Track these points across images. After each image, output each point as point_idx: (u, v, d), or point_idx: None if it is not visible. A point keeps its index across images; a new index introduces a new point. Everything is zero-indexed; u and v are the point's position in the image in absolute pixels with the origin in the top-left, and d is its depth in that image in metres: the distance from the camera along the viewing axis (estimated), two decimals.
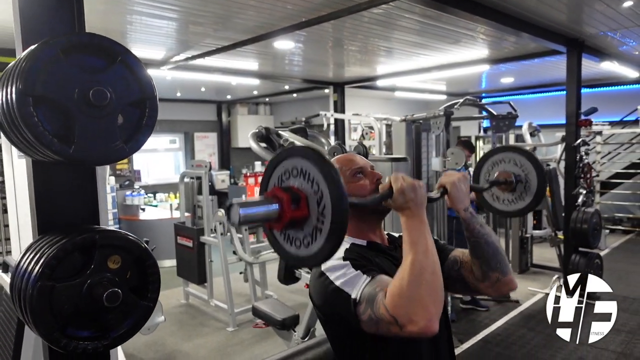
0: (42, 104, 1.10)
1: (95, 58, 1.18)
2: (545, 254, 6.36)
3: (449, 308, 4.04)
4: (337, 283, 1.13)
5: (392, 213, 1.45)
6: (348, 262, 1.16)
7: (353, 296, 1.10)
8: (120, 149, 1.20)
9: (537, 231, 6.61)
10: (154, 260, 1.36)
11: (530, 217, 6.66)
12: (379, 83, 7.61)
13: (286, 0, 3.50)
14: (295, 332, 3.17)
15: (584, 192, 4.79)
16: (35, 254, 1.22)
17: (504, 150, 1.74)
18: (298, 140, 3.05)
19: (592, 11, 4.10)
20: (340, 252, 1.18)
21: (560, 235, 5.57)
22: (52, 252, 1.18)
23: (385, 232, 1.40)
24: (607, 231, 7.34)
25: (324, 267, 1.18)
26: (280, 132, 3.16)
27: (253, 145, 3.07)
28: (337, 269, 1.15)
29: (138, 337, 3.90)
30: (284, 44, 4.96)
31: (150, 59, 5.45)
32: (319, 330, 3.30)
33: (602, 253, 5.96)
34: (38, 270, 1.16)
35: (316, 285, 1.21)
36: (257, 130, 3.12)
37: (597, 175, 7.33)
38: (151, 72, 4.95)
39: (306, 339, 3.18)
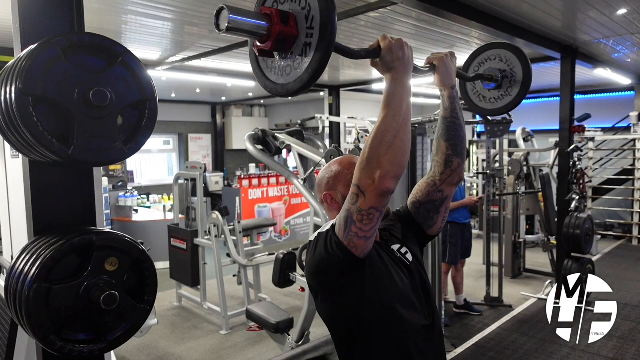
0: (41, 104, 1.09)
1: (95, 58, 1.17)
2: (538, 259, 6.39)
3: (443, 313, 4.05)
4: (319, 231, 1.20)
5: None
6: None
7: (332, 224, 1.14)
8: (119, 150, 1.20)
9: (530, 236, 6.65)
10: (152, 263, 1.35)
11: (523, 222, 6.71)
12: (374, 87, 7.63)
13: None
14: (289, 335, 3.15)
15: (577, 197, 4.83)
16: (32, 256, 1.20)
17: (487, 48, 1.77)
18: (295, 143, 3.05)
19: (586, 18, 4.14)
20: (330, 224, 1.19)
21: (553, 240, 5.61)
22: (49, 253, 1.17)
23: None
24: (599, 237, 7.40)
25: (312, 237, 1.22)
26: (276, 134, 3.15)
27: (249, 147, 3.06)
28: (322, 229, 1.21)
29: (130, 340, 3.88)
30: None
31: (145, 59, 5.42)
32: (314, 334, 3.29)
33: (594, 258, 6.01)
34: (34, 272, 1.14)
35: (309, 254, 1.22)
36: (253, 133, 3.12)
37: (590, 181, 7.40)
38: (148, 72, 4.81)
39: (300, 343, 3.16)
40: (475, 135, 10.32)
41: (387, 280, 1.19)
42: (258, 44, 1.03)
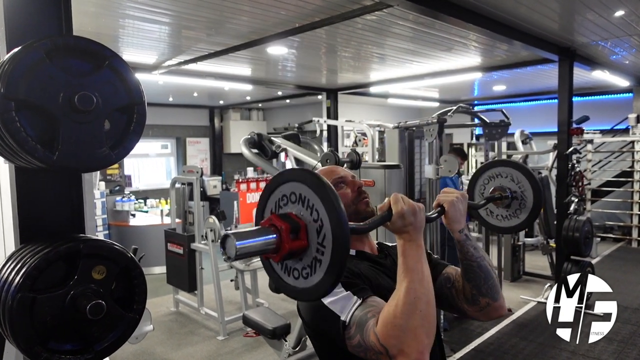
0: (25, 109, 1.06)
1: (81, 61, 1.14)
2: (537, 262, 6.36)
3: (442, 317, 4.02)
4: (326, 302, 1.09)
5: None
6: None
7: (342, 318, 1.06)
8: (106, 156, 1.17)
9: (529, 239, 6.62)
10: (141, 271, 1.32)
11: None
12: (372, 90, 7.62)
13: (280, 6, 3.48)
14: (286, 341, 3.12)
15: (576, 200, 4.80)
16: (17, 264, 1.17)
17: (501, 164, 1.70)
18: (291, 147, 3.02)
19: (583, 20, 4.13)
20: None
21: (552, 243, 5.58)
22: (34, 262, 1.14)
23: (376, 242, 1.39)
24: (598, 239, 7.37)
25: None
26: (272, 138, 3.13)
27: (245, 151, 3.03)
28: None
29: (126, 346, 3.82)
30: (277, 49, 4.94)
31: (142, 63, 5.40)
32: None
33: (593, 261, 5.97)
34: (19, 281, 1.11)
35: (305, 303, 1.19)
36: (249, 137, 3.09)
37: (589, 184, 7.38)
38: (143, 76, 4.92)
39: (297, 349, 3.13)
40: (474, 138, 10.32)
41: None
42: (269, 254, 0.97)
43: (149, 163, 10.14)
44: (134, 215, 6.92)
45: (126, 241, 6.54)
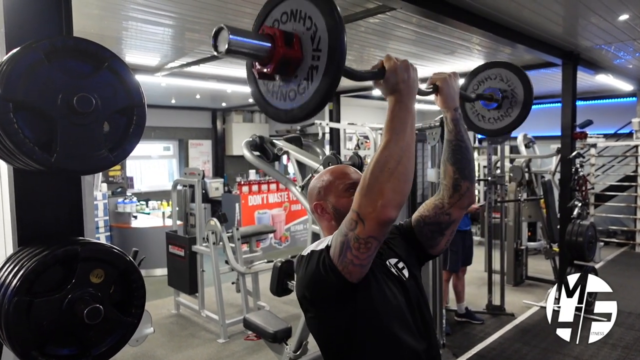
0: (22, 110, 1.05)
1: (81, 63, 1.13)
2: (540, 266, 6.32)
3: (444, 321, 3.99)
4: (312, 249, 1.15)
5: None
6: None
7: (326, 244, 1.10)
8: (105, 158, 1.16)
9: (532, 243, 6.58)
10: (140, 275, 1.31)
11: (525, 229, 6.64)
12: (375, 93, 7.60)
13: None
14: (287, 345, 3.09)
15: (579, 204, 4.77)
16: (14, 267, 1.16)
17: (487, 67, 1.72)
18: (292, 149, 3.01)
19: (587, 24, 4.11)
20: (324, 244, 1.13)
21: (555, 247, 5.54)
22: (31, 265, 1.13)
23: None
24: (602, 244, 7.33)
25: (305, 252, 1.18)
26: (274, 140, 3.12)
27: (247, 154, 3.02)
28: (315, 246, 1.16)
29: (126, 348, 3.78)
30: None
31: (145, 65, 5.40)
32: (312, 344, 3.23)
33: (596, 266, 5.93)
34: (15, 285, 1.10)
35: (299, 270, 1.18)
36: (251, 139, 3.08)
37: (592, 188, 7.34)
38: (145, 78, 4.89)
39: (298, 353, 3.11)
40: (477, 142, 10.29)
41: (380, 298, 1.14)
42: (258, 66, 0.97)
43: (151, 165, 10.14)
44: (135, 217, 6.92)
45: (128, 243, 6.53)
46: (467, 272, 4.70)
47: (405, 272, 1.26)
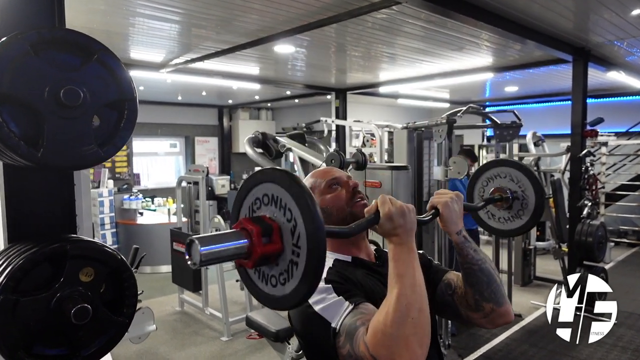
0: (8, 103, 1.01)
1: (69, 55, 1.09)
2: (548, 266, 6.23)
3: (449, 322, 3.93)
4: (317, 308, 1.04)
5: None
6: (330, 285, 1.06)
7: (333, 325, 1.00)
8: (94, 153, 1.12)
9: (540, 243, 6.48)
10: (131, 273, 1.27)
11: (533, 228, 6.54)
12: (382, 90, 7.54)
13: (288, 3, 3.43)
14: (289, 344, 3.06)
15: (589, 204, 4.68)
16: (2, 264, 1.13)
17: (500, 164, 1.64)
18: (296, 147, 2.97)
19: (599, 19, 4.02)
20: (323, 273, 1.08)
21: (565, 247, 5.45)
22: (18, 263, 1.09)
23: (374, 247, 1.32)
24: (612, 244, 7.21)
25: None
26: (277, 137, 3.07)
27: (249, 150, 2.98)
28: (318, 292, 1.04)
29: (129, 345, 3.76)
30: (284, 48, 4.89)
31: (149, 61, 5.38)
32: None
33: (607, 267, 5.84)
34: (1, 283, 1.07)
35: (301, 310, 1.11)
36: (253, 136, 3.04)
37: (603, 187, 7.22)
38: (151, 74, 4.87)
39: (300, 352, 3.07)
40: (485, 140, 10.18)
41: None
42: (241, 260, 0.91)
43: (158, 162, 10.17)
44: (141, 214, 6.92)
45: (133, 239, 6.53)
46: None
47: None
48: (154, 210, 7.41)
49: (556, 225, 5.72)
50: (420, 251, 1.36)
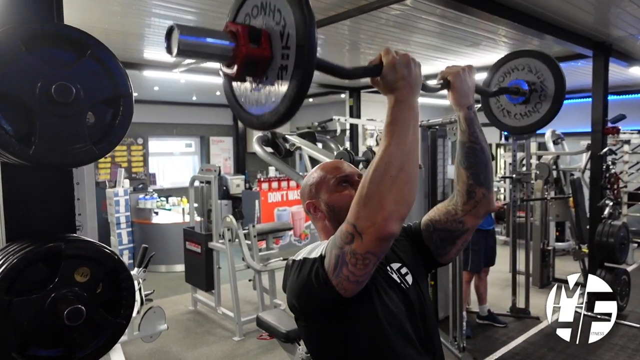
0: None
1: (62, 51, 1.07)
2: (568, 268, 6.06)
3: (464, 324, 3.84)
4: (304, 255, 1.06)
5: None
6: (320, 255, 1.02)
7: (320, 254, 0.99)
8: (87, 151, 1.09)
9: (560, 243, 6.33)
10: (129, 274, 1.25)
11: (553, 228, 6.38)
12: None
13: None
14: (300, 345, 3.02)
15: (611, 203, 4.54)
16: None
17: (517, 55, 1.55)
18: (305, 145, 2.93)
19: (620, 12, 3.88)
20: (319, 252, 1.03)
21: (585, 248, 5.30)
22: (12, 262, 1.07)
23: None
24: (635, 245, 6.99)
25: (297, 256, 1.09)
26: (287, 136, 3.04)
27: (257, 149, 2.96)
28: (308, 252, 1.06)
29: (141, 344, 3.75)
30: None
31: (163, 61, 5.40)
32: None
33: (629, 269, 5.65)
34: None
35: (290, 277, 1.08)
36: (262, 134, 3.01)
37: (625, 186, 6.99)
38: (165, 74, 4.86)
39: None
40: (503, 138, 9.99)
41: (377, 308, 1.04)
42: (223, 67, 0.87)
43: (174, 161, 10.24)
44: (157, 213, 6.97)
45: (148, 238, 6.57)
46: (491, 272, 4.53)
47: (409, 279, 1.16)
48: (169, 210, 7.45)
49: (576, 226, 5.57)
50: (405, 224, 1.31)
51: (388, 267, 1.15)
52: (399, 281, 1.13)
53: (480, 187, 1.14)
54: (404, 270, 1.16)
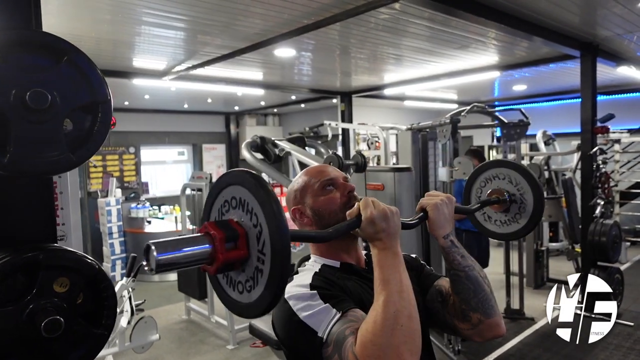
0: None
1: (37, 57, 1.05)
2: (562, 268, 6.08)
3: None
4: (302, 316, 0.98)
5: None
6: (315, 291, 1.00)
7: (320, 335, 0.94)
8: (64, 159, 1.07)
9: (553, 244, 6.34)
10: (110, 283, 1.22)
11: (546, 228, 6.40)
12: (387, 92, 7.47)
13: (286, 5, 3.39)
14: None
15: (602, 202, 4.55)
16: None
17: (499, 165, 1.58)
18: (294, 150, 2.92)
19: (606, 13, 3.91)
20: (308, 278, 1.03)
21: (578, 248, 5.31)
22: None
23: (364, 251, 1.25)
24: (628, 244, 7.02)
25: (287, 294, 1.03)
26: (276, 141, 3.02)
27: (246, 155, 2.94)
28: (303, 299, 1.00)
29: (134, 355, 3.71)
30: (285, 51, 4.85)
31: (152, 69, 5.39)
32: None
33: (622, 267, 5.67)
34: None
35: (278, 313, 1.05)
36: (251, 140, 2.99)
37: (616, 185, 7.04)
38: (155, 83, 4.86)
39: None
40: (495, 140, 10.04)
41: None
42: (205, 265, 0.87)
43: (166, 170, 10.19)
44: (149, 222, 6.92)
45: (141, 248, 6.49)
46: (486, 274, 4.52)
47: None
48: (162, 219, 7.41)
49: (569, 226, 5.59)
50: (413, 255, 1.30)
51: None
52: None
53: (474, 312, 1.09)
54: None
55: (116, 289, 3.13)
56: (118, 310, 3.19)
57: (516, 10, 3.75)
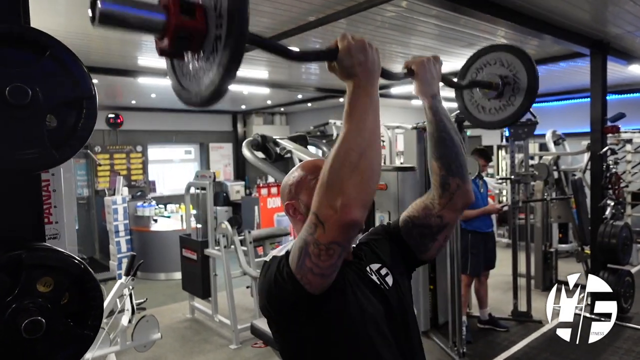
0: None
1: (18, 51, 1.03)
2: (571, 270, 5.92)
3: (464, 329, 3.77)
4: (275, 253, 1.04)
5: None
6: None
7: (287, 250, 0.97)
8: (46, 155, 1.05)
9: (562, 245, 6.24)
10: (96, 283, 1.19)
11: (556, 229, 6.30)
12: (394, 91, 7.41)
13: (294, 4, 3.35)
14: None
15: (612, 203, 4.46)
16: None
17: (488, 51, 1.54)
18: (296, 149, 2.88)
19: (618, 10, 3.83)
20: (286, 249, 1.00)
21: (588, 250, 5.22)
22: None
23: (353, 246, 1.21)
24: (639, 246, 6.89)
25: (267, 257, 1.06)
26: (277, 140, 2.99)
27: (247, 154, 2.91)
28: (280, 250, 1.04)
29: (137, 354, 3.69)
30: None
31: (157, 67, 5.38)
32: None
33: (633, 270, 5.56)
34: None
35: (259, 278, 1.06)
36: (252, 138, 2.96)
37: (627, 186, 6.90)
38: (161, 81, 4.85)
39: None
40: (504, 140, 9.92)
41: (352, 311, 0.99)
42: (158, 42, 0.84)
43: (173, 169, 10.21)
44: (155, 221, 6.93)
45: (147, 246, 6.55)
46: (492, 275, 4.46)
47: (389, 280, 1.11)
48: (168, 217, 7.42)
49: (578, 227, 5.49)
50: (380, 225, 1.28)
51: (367, 268, 1.11)
52: (378, 282, 1.09)
53: (453, 177, 1.12)
54: (383, 271, 1.12)
55: (116, 287, 3.12)
56: (118, 308, 3.18)
57: (526, 7, 3.69)
